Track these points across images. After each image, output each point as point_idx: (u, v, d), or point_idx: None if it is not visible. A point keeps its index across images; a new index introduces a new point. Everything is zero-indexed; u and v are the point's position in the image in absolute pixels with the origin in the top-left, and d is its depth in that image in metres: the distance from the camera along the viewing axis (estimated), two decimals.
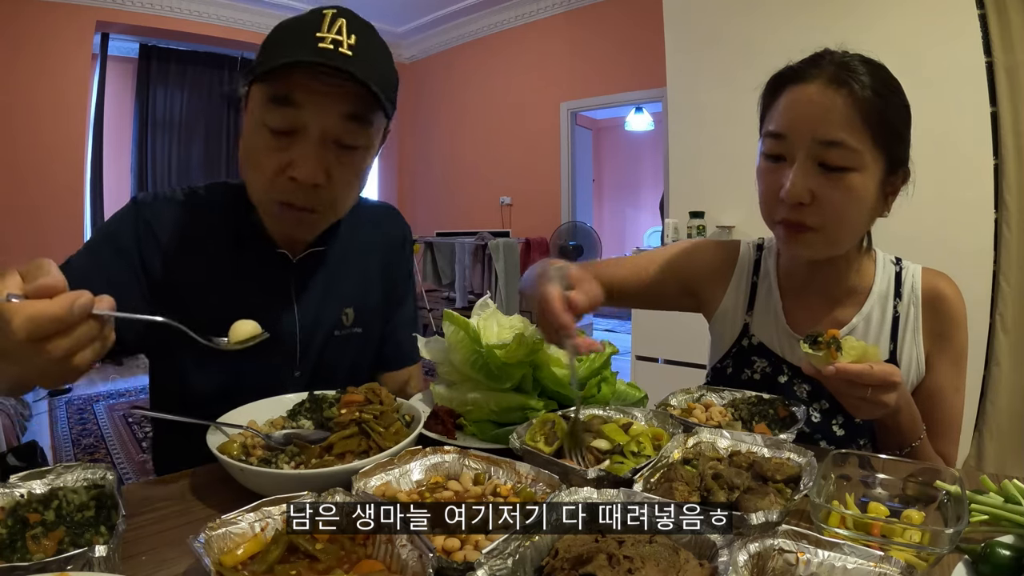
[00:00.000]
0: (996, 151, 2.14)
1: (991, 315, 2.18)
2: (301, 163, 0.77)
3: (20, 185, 4.43)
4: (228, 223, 0.90)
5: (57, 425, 3.64)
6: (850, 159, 0.77)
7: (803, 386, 0.94)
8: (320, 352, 0.96)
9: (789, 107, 0.81)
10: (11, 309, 0.48)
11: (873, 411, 0.72)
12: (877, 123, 0.77)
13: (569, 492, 0.52)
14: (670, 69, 3.11)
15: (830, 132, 0.77)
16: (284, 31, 0.78)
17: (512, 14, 5.56)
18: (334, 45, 0.74)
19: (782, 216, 0.83)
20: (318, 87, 0.74)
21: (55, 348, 0.49)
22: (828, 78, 0.78)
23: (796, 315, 0.96)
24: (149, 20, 5.01)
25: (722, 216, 2.97)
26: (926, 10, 2.27)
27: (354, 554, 0.49)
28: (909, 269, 0.94)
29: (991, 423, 2.19)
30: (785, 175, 0.80)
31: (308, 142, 0.77)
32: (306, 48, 0.73)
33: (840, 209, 0.79)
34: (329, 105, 0.76)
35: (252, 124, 0.79)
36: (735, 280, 1.03)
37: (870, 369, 0.68)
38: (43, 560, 0.43)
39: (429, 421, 0.80)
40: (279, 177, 0.78)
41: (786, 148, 0.81)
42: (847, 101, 0.77)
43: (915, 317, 0.91)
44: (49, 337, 0.49)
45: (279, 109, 0.75)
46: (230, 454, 0.65)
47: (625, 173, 9.29)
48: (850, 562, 0.44)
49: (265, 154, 0.78)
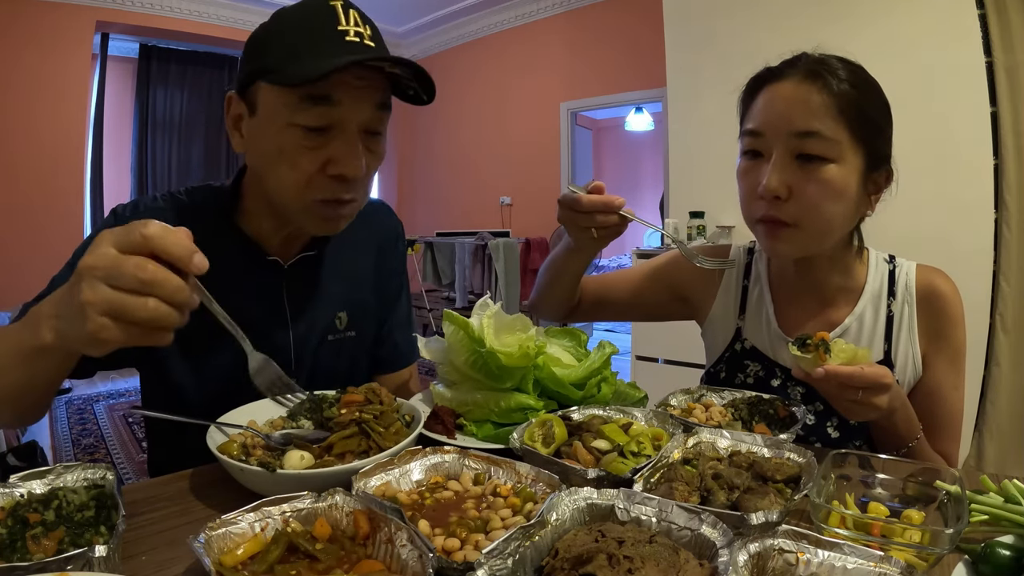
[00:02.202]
0: (996, 151, 2.15)
1: (991, 315, 2.18)
2: (346, 160, 0.76)
3: (20, 185, 4.43)
4: (215, 230, 0.85)
5: (57, 425, 3.64)
6: (826, 148, 0.77)
7: (797, 389, 0.94)
8: (314, 359, 0.95)
9: (766, 104, 0.82)
10: (164, 228, 0.51)
11: (866, 413, 0.71)
12: (854, 115, 0.78)
13: (569, 492, 0.52)
14: (670, 69, 3.11)
15: (805, 122, 0.78)
16: (295, 27, 0.75)
17: (512, 14, 5.56)
18: (358, 37, 0.74)
19: (761, 214, 0.83)
20: (355, 82, 0.74)
21: (158, 284, 0.49)
22: (803, 74, 0.80)
23: (787, 318, 0.96)
24: (149, 20, 5.00)
25: (722, 216, 2.97)
26: (926, 10, 2.27)
27: (354, 554, 0.49)
28: (903, 267, 0.93)
29: (991, 423, 2.19)
30: (763, 172, 0.81)
31: (347, 137, 0.76)
32: (336, 45, 0.73)
33: (817, 202, 0.79)
34: (365, 98, 0.76)
35: (276, 125, 0.75)
36: (724, 284, 1.03)
37: (860, 371, 0.67)
38: (43, 560, 0.43)
39: (429, 421, 0.80)
40: (319, 175, 0.77)
41: (763, 144, 0.82)
42: (822, 93, 0.78)
43: (910, 316, 0.91)
44: (158, 280, 0.49)
45: (315, 108, 0.74)
46: (230, 454, 0.65)
47: (625, 173, 9.29)
48: (850, 562, 0.44)
49: (301, 153, 0.75)
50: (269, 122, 0.76)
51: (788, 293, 0.97)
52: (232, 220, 0.87)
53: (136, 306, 0.49)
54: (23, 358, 0.62)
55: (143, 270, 0.49)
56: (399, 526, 0.48)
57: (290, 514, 0.51)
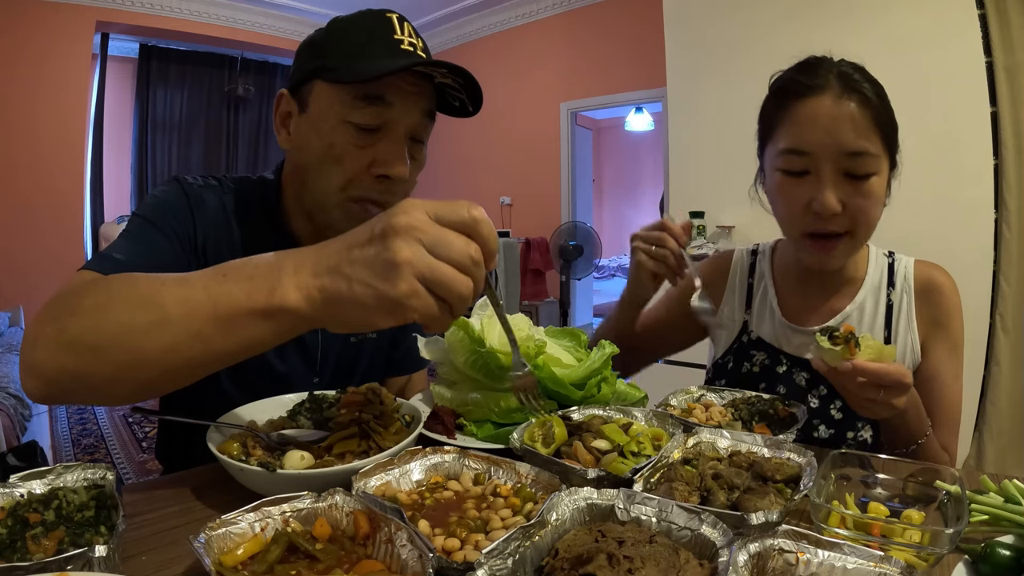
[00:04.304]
0: (996, 151, 2.14)
1: (991, 315, 2.18)
2: (391, 160, 0.79)
3: (20, 185, 4.43)
4: (261, 222, 0.88)
5: (57, 425, 3.64)
6: (873, 165, 0.81)
7: (801, 374, 0.97)
8: (338, 358, 0.96)
9: (806, 122, 0.83)
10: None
11: (881, 412, 0.72)
12: (887, 126, 0.81)
13: (569, 492, 0.52)
14: (670, 69, 3.11)
15: (855, 143, 0.80)
16: (354, 32, 0.79)
17: (512, 14, 5.56)
18: (412, 47, 0.79)
19: (811, 229, 0.85)
20: (408, 87, 0.78)
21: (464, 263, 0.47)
22: (840, 89, 0.81)
23: (791, 307, 1.00)
24: (149, 20, 5.01)
25: (722, 216, 2.97)
26: (926, 10, 2.27)
27: (354, 554, 0.49)
28: (902, 261, 0.97)
29: (991, 423, 2.18)
30: (811, 189, 0.83)
31: (395, 138, 0.79)
32: (393, 51, 0.77)
33: (867, 213, 0.83)
34: (415, 103, 0.80)
35: (329, 122, 0.78)
36: (730, 286, 1.09)
37: (886, 369, 0.67)
38: (43, 560, 0.43)
39: (429, 421, 0.80)
40: (364, 174, 0.79)
41: (810, 163, 0.83)
42: (861, 110, 0.80)
43: (908, 305, 0.94)
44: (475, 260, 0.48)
45: (369, 107, 0.77)
46: (230, 454, 0.65)
47: (625, 173, 9.30)
48: (850, 562, 0.44)
49: (349, 151, 0.78)
50: (322, 119, 0.79)
51: (792, 284, 1.02)
52: (278, 214, 0.89)
53: (457, 281, 0.47)
54: (225, 322, 0.51)
55: (474, 249, 0.47)
56: (399, 526, 0.47)
57: (290, 514, 0.51)
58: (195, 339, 0.51)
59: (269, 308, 0.50)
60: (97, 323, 0.53)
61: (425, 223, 0.47)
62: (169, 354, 0.52)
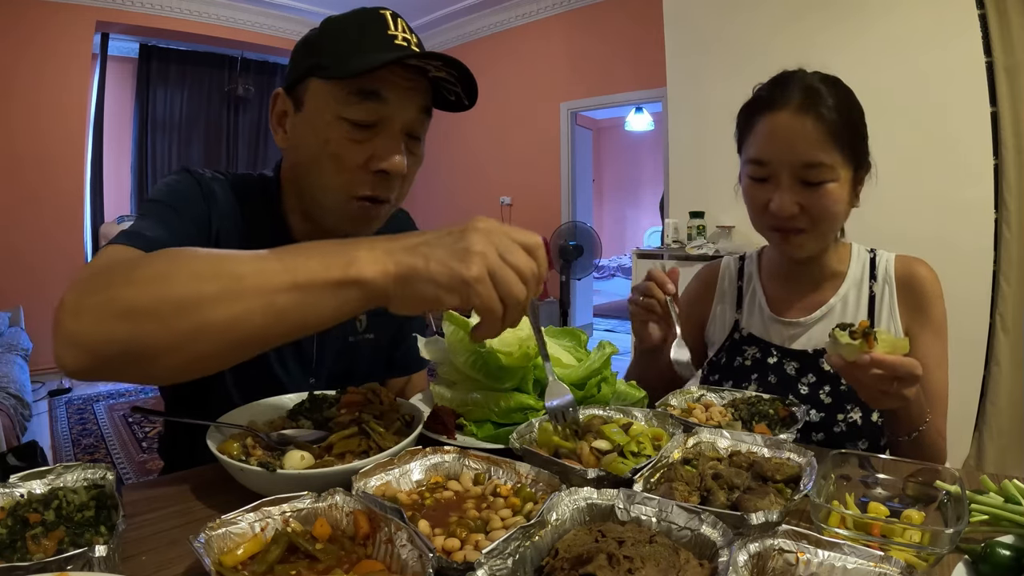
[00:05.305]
0: (996, 151, 2.15)
1: (991, 315, 2.18)
2: (389, 155, 0.78)
3: (20, 185, 4.43)
4: (261, 218, 0.87)
5: (57, 425, 3.64)
6: (827, 173, 0.88)
7: (791, 363, 1.01)
8: (335, 359, 0.95)
9: (767, 135, 0.91)
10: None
11: (891, 403, 0.74)
12: (845, 138, 0.88)
13: (569, 492, 0.52)
14: (670, 69, 3.12)
15: (807, 155, 0.87)
16: (348, 30, 0.79)
17: (512, 14, 5.56)
18: (406, 43, 0.78)
19: (773, 225, 0.93)
20: (402, 83, 0.77)
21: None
22: (798, 105, 0.88)
23: (778, 301, 1.07)
24: (149, 20, 5.01)
25: (722, 216, 2.97)
26: (926, 10, 2.28)
27: (354, 554, 0.49)
28: (883, 255, 1.03)
29: (991, 423, 2.19)
30: (771, 193, 0.91)
31: (391, 134, 0.79)
32: (387, 46, 0.76)
33: (824, 212, 0.90)
34: (410, 99, 0.79)
35: (325, 119, 0.78)
36: (719, 291, 1.15)
37: (902, 362, 0.69)
38: (43, 560, 0.43)
39: (429, 421, 0.80)
40: (361, 170, 0.79)
41: (769, 171, 0.91)
42: (816, 125, 0.86)
43: (891, 296, 0.99)
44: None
45: (364, 103, 0.76)
46: (230, 454, 0.65)
47: (625, 173, 9.30)
48: (850, 562, 0.44)
49: (346, 147, 0.78)
50: (317, 116, 0.78)
51: (778, 280, 1.08)
52: (277, 212, 0.89)
53: (518, 286, 0.54)
54: (302, 291, 0.52)
55: (533, 265, 0.56)
56: (399, 526, 0.48)
57: (290, 514, 0.51)
58: (267, 309, 0.52)
59: (345, 279, 0.53)
60: (160, 292, 0.52)
61: (500, 230, 0.56)
62: (237, 324, 0.52)
